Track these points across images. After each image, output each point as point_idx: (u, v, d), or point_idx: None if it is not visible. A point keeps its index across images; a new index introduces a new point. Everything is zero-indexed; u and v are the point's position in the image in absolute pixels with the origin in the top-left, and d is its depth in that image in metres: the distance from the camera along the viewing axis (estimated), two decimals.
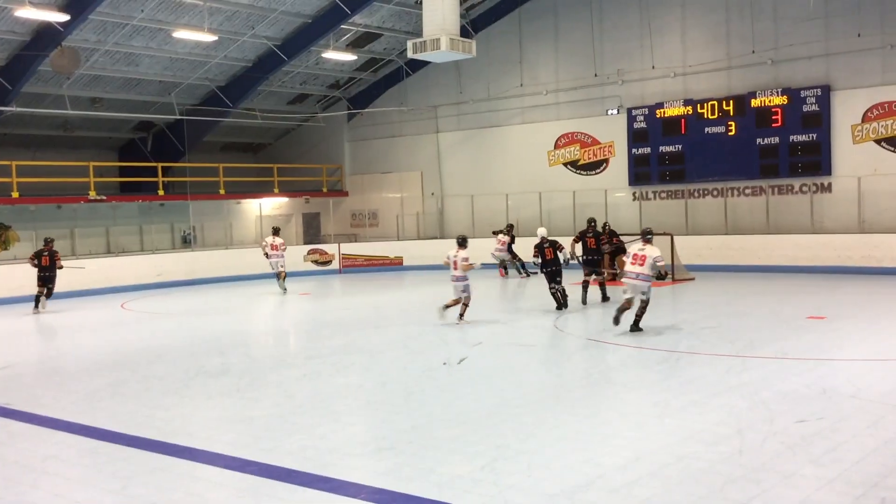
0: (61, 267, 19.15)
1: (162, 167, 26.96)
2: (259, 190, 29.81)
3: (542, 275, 16.35)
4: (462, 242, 14.90)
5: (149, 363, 11.93)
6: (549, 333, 13.75)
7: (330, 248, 28.25)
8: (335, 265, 27.77)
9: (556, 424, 7.88)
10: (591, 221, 17.94)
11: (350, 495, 6.05)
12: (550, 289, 16.11)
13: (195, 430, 8.23)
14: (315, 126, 31.15)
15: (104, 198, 25.17)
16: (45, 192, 24.41)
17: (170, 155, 27.99)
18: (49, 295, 19.04)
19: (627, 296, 12.93)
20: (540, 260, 16.09)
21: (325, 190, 31.11)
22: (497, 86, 27.38)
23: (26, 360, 12.63)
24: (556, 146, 26.53)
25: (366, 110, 30.32)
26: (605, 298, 17.09)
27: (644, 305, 12.88)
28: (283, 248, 22.23)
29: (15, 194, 23.20)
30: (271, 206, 30.52)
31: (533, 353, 12.11)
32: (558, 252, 15.95)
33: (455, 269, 14.56)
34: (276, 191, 29.77)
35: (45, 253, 18.93)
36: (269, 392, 9.94)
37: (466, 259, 14.34)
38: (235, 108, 27.00)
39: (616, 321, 12.76)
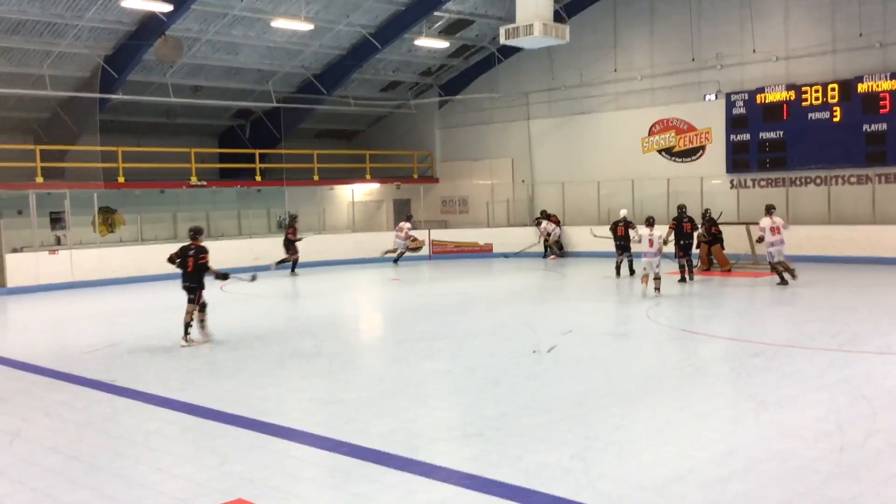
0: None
1: (259, 154, 27.64)
2: (351, 176, 30.27)
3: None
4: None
5: (245, 344, 12.28)
6: (641, 323, 13.52)
7: (420, 235, 28.46)
8: (425, 251, 27.97)
9: (646, 416, 7.76)
10: (682, 208, 18.53)
11: (440, 479, 6.10)
12: (618, 260, 19.61)
13: (289, 409, 8.44)
14: (407, 113, 31.38)
15: (205, 183, 26.00)
16: (149, 178, 25.37)
17: (267, 142, 28.68)
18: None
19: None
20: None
21: (415, 176, 31.35)
22: (590, 71, 27.01)
23: (129, 339, 13.14)
24: (650, 133, 26.02)
25: (457, 97, 30.36)
26: (682, 280, 18.28)
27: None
28: (407, 231, 25.57)
29: (121, 179, 24.19)
30: (363, 192, 30.95)
31: (623, 342, 11.94)
32: (630, 230, 18.83)
33: (650, 246, 15.89)
34: (367, 177, 30.16)
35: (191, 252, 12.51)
36: (360, 375, 10.11)
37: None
38: (330, 95, 27.44)
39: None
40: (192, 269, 12.32)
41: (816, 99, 22.18)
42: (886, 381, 8.73)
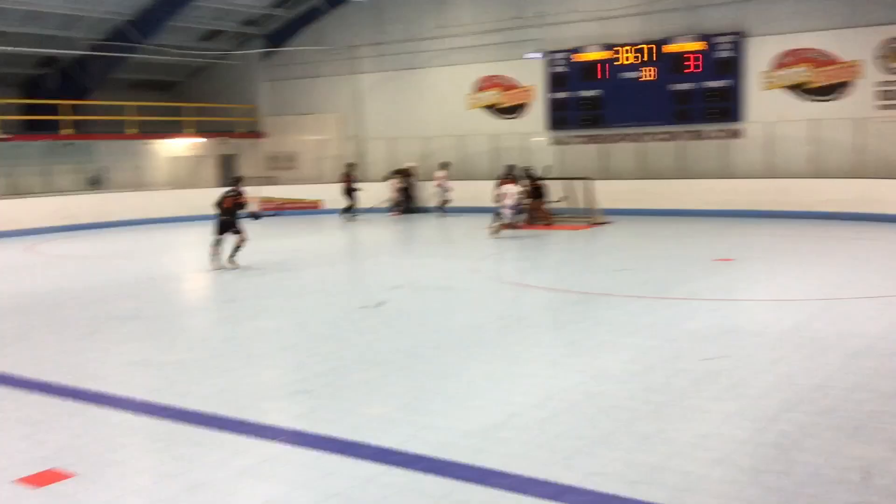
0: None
1: (68, 105, 25.81)
2: (171, 130, 28.88)
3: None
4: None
5: (58, 307, 11.60)
6: (468, 277, 13.86)
7: (247, 191, 27.65)
8: (252, 208, 27.22)
9: (472, 365, 7.99)
10: (511, 167, 19.08)
11: (267, 438, 6.04)
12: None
13: (107, 374, 8.06)
14: (230, 64, 30.18)
15: (8, 136, 24.03)
16: None
17: (77, 92, 26.81)
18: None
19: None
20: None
21: (240, 131, 30.35)
22: (417, 26, 26.99)
23: None
24: (477, 89, 26.44)
25: (282, 49, 29.53)
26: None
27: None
28: (443, 180, 24.89)
29: None
30: (185, 146, 29.65)
31: (451, 295, 12.20)
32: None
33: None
34: (189, 131, 28.91)
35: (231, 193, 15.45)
36: (184, 336, 9.80)
37: None
38: (145, 43, 25.93)
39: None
40: (230, 207, 15.15)
41: (629, 59, 23.28)
42: (691, 324, 9.42)
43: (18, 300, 12.36)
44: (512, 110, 25.88)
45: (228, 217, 15.16)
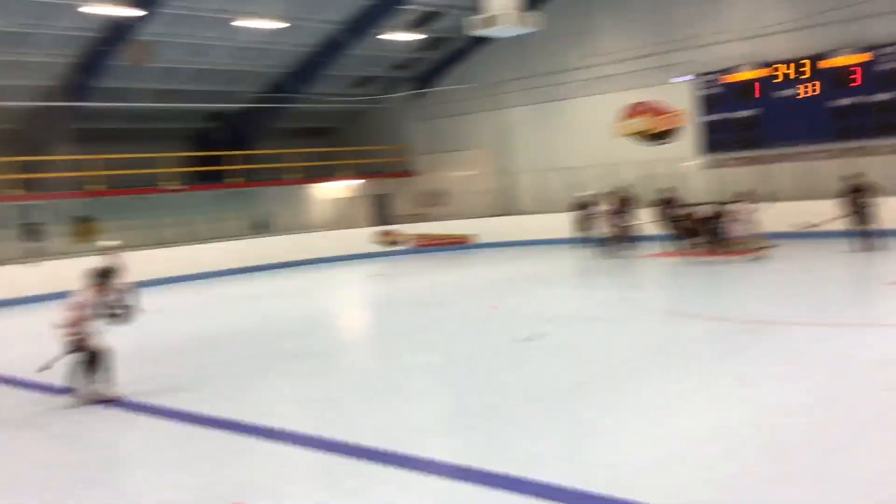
0: None
1: (235, 155, 27.45)
2: (329, 174, 30.13)
3: None
4: None
5: (230, 345, 12.23)
6: (621, 307, 13.58)
7: (401, 229, 28.42)
8: (407, 245, 27.93)
9: (633, 399, 7.78)
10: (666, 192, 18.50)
11: (433, 473, 6.10)
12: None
13: (278, 410, 8.37)
14: (382, 108, 31.24)
15: (183, 188, 25.79)
16: (126, 185, 25.08)
17: (243, 143, 28.48)
18: None
19: None
20: None
21: (394, 171, 31.25)
22: (561, 58, 26.99)
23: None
24: (624, 117, 26.08)
25: (431, 89, 30.28)
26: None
27: None
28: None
29: (99, 188, 23.90)
30: (342, 188, 30.85)
31: (606, 327, 11.96)
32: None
33: None
34: (345, 174, 30.02)
35: None
36: (345, 372, 10.09)
37: None
38: (302, 93, 27.29)
39: None
40: None
41: (786, 76, 22.31)
42: (865, 353, 8.81)
43: (194, 340, 13.14)
44: (661, 136, 25.34)
45: None
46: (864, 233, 17.41)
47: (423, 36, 27.28)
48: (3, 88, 22.00)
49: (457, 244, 27.85)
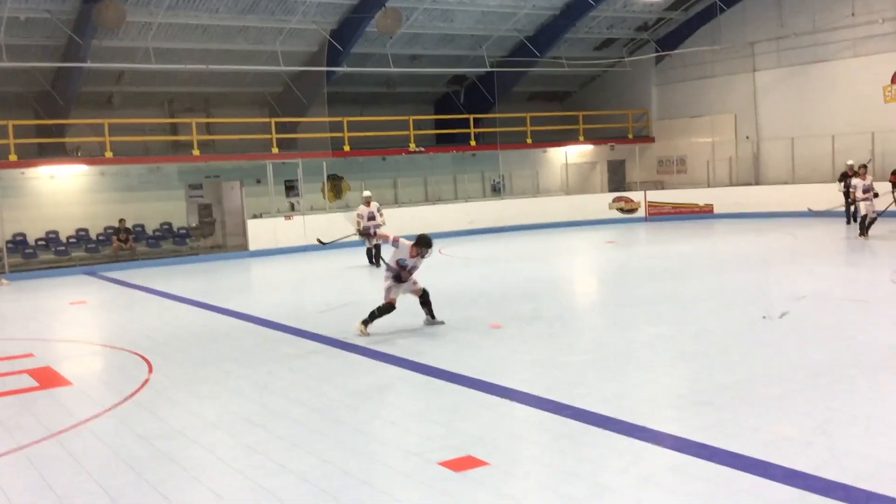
0: None
1: (473, 119, 28.04)
2: (564, 138, 29.99)
3: None
4: None
5: (465, 306, 12.58)
6: (885, 288, 12.44)
7: (636, 196, 27.79)
8: (641, 213, 27.29)
9: (892, 388, 7.14)
10: None
11: (669, 447, 5.94)
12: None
13: (513, 371, 8.54)
14: (621, 71, 30.53)
15: (422, 149, 26.78)
16: (372, 146, 26.50)
17: (480, 107, 29.03)
18: None
19: None
20: None
21: (630, 136, 30.53)
22: (824, 17, 24.92)
23: (360, 299, 13.83)
24: (894, 81, 23.66)
25: (675, 51, 29.12)
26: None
27: None
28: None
29: (346, 148, 25.43)
30: (576, 154, 30.62)
31: (866, 309, 11.03)
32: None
33: None
34: (581, 139, 29.76)
35: None
36: (581, 339, 10.06)
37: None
38: (542, 57, 27.25)
39: None
40: None
41: None
42: None
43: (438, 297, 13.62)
44: None
45: None
46: None
47: None
48: (270, 54, 23.85)
49: (695, 213, 26.79)
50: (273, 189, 24.16)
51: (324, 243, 20.42)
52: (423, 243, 10.76)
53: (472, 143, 27.97)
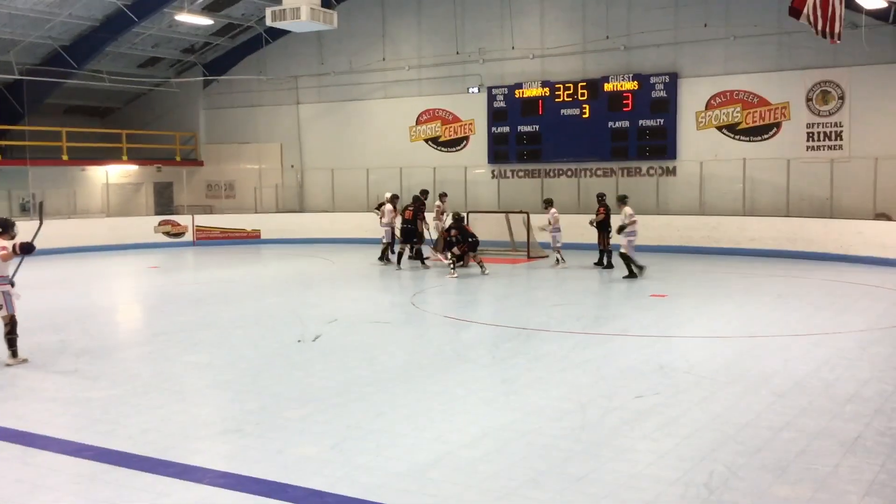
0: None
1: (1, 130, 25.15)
2: (107, 156, 28.33)
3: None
4: None
5: None
6: (405, 310, 13.82)
7: (183, 220, 27.28)
8: (189, 237, 26.85)
9: (406, 402, 7.94)
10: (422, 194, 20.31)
11: (193, 480, 5.88)
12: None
13: (28, 412, 7.77)
14: (169, 92, 29.84)
15: None
16: None
17: (8, 117, 26.16)
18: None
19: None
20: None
21: (178, 159, 29.92)
22: (359, 59, 27.09)
23: None
24: (418, 122, 26.58)
25: (222, 77, 29.32)
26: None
27: None
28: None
29: None
30: (120, 173, 29.10)
31: (388, 330, 12.13)
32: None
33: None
34: (124, 158, 28.38)
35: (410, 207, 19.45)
36: (111, 371, 9.51)
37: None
38: (81, 69, 25.50)
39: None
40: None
41: (568, 96, 23.71)
42: (624, 360, 9.52)
43: None
44: (453, 143, 26.07)
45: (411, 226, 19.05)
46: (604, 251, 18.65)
47: (216, 21, 26.31)
48: None
49: (242, 238, 27.11)
50: None
51: None
52: None
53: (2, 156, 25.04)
